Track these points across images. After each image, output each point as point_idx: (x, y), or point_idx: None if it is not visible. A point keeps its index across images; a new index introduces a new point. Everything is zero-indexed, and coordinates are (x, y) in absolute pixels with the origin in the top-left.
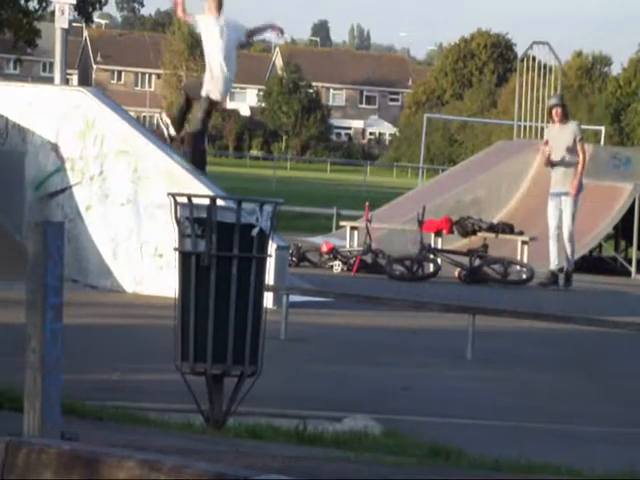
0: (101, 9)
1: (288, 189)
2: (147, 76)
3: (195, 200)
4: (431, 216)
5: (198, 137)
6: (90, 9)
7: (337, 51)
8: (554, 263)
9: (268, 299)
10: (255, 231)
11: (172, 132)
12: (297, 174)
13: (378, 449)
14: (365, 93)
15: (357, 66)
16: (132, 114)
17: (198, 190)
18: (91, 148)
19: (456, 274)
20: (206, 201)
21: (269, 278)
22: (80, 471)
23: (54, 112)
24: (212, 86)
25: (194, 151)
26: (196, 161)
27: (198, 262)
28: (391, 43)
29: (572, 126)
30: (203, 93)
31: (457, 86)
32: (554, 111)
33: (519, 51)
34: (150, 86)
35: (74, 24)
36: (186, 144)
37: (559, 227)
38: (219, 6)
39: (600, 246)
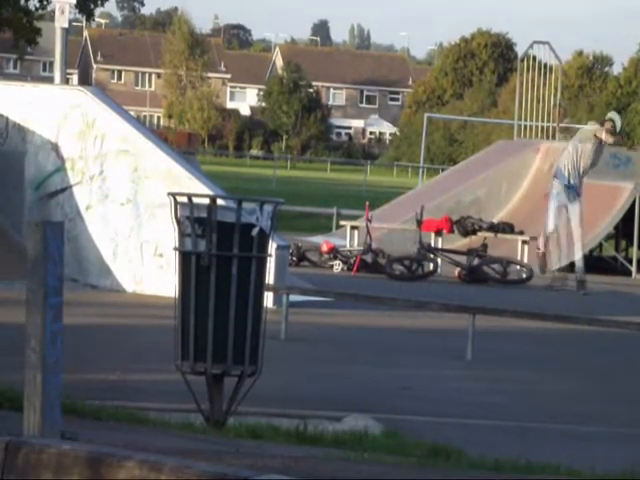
0: (102, 5)
1: (288, 189)
2: (147, 76)
3: (195, 200)
4: (431, 216)
5: None
6: (92, 6)
7: (337, 51)
8: (557, 264)
9: (268, 299)
10: (255, 231)
11: None
12: (297, 174)
13: (378, 449)
14: (365, 93)
15: (357, 66)
16: (132, 114)
17: (198, 190)
18: (91, 148)
19: (456, 274)
20: (206, 201)
21: (269, 278)
22: (80, 471)
23: (54, 112)
24: None
25: None
26: None
27: (198, 262)
28: (391, 43)
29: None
30: None
31: (457, 86)
32: (609, 125)
33: (519, 51)
34: (150, 86)
35: (74, 23)
36: None
37: (559, 228)
38: None
39: (600, 246)
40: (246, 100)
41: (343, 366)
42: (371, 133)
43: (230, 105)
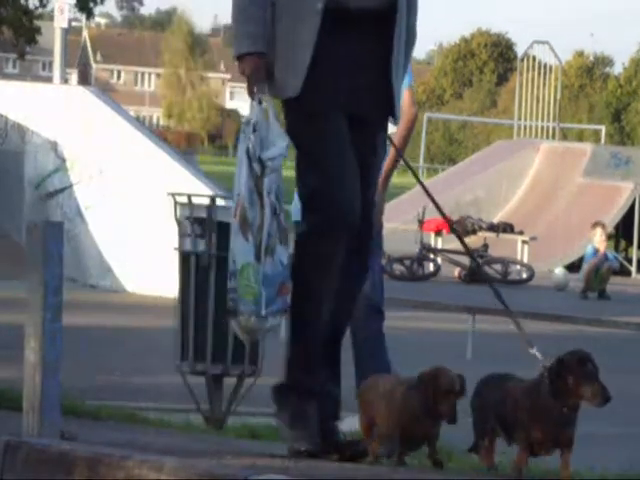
0: (102, 4)
1: (287, 189)
2: (147, 75)
3: (195, 200)
4: (431, 216)
5: None
6: (91, 5)
7: None
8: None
9: None
10: None
11: None
12: None
13: None
14: None
15: None
16: (132, 114)
17: (198, 190)
18: (91, 148)
19: (456, 274)
20: (206, 201)
21: None
22: (80, 471)
23: (54, 111)
24: None
25: None
26: None
27: (198, 262)
28: None
29: None
30: None
31: (457, 85)
32: None
33: (519, 51)
34: (150, 85)
35: (74, 23)
36: None
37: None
38: None
39: None
40: (246, 100)
41: (343, 365)
42: None
43: (230, 105)
